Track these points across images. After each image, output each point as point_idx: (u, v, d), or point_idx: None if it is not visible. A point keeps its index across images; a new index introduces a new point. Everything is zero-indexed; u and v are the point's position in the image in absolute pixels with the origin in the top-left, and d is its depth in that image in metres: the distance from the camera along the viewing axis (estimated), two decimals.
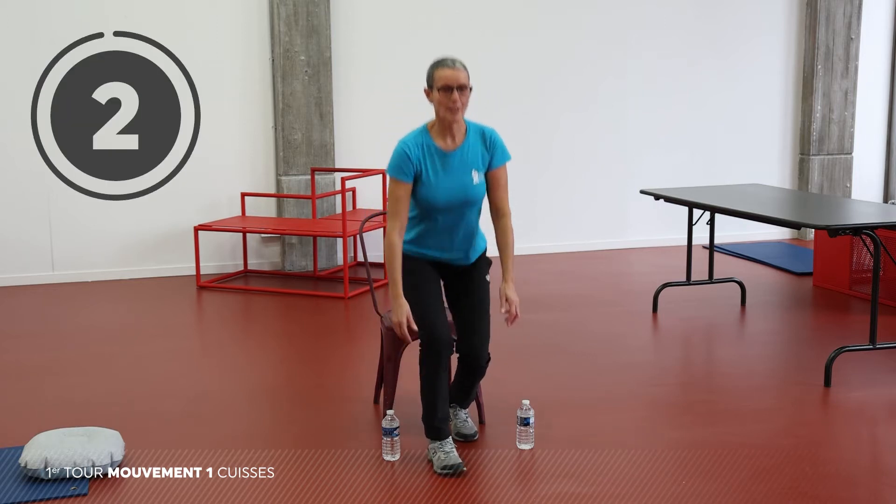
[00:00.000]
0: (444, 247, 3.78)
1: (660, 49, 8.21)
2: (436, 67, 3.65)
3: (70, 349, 5.45)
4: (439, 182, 3.67)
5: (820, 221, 4.90)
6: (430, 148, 3.68)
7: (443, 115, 3.64)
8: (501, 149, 3.77)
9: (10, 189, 6.97)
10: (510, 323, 3.79)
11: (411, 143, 3.68)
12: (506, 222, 3.82)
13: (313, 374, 4.99)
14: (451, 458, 3.66)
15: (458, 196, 3.69)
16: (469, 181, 3.69)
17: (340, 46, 7.46)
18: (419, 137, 3.70)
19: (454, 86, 3.59)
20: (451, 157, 3.69)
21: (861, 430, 4.23)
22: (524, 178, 7.94)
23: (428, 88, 3.68)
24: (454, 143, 3.70)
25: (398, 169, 3.66)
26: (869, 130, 8.91)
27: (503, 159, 3.77)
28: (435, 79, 3.63)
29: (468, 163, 3.71)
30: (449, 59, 3.66)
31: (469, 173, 3.70)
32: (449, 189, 3.67)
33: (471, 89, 3.66)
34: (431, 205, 3.68)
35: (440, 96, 3.61)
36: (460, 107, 3.62)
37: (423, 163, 3.66)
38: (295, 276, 7.28)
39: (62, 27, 6.90)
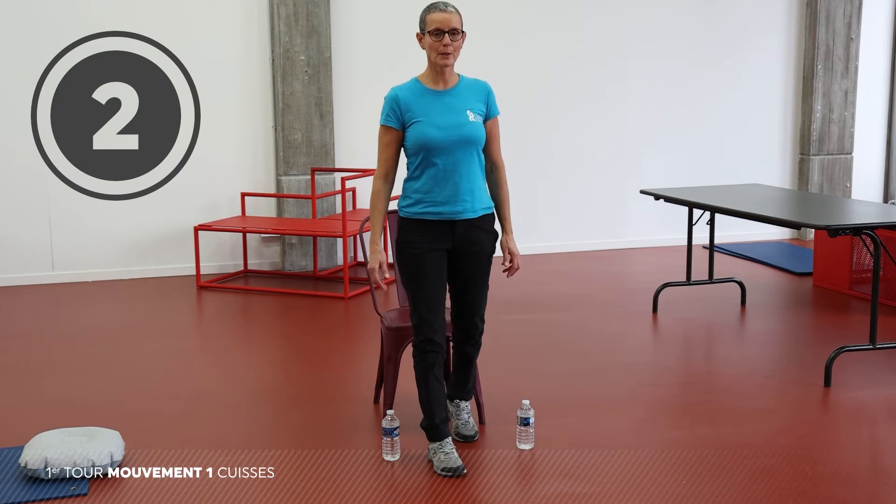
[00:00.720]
0: (447, 198, 3.64)
1: (660, 49, 8.21)
2: (428, 11, 3.60)
3: (70, 349, 5.45)
4: (432, 118, 3.60)
5: (820, 221, 4.90)
6: (422, 90, 3.64)
7: (434, 60, 3.59)
8: (494, 101, 3.74)
9: (10, 189, 6.97)
10: (510, 275, 3.82)
11: (400, 89, 3.65)
12: (501, 174, 3.80)
13: (313, 374, 4.99)
14: (452, 461, 3.65)
15: (453, 132, 3.60)
16: (464, 119, 3.61)
17: (340, 46, 7.46)
18: (410, 84, 3.67)
19: (446, 29, 3.54)
20: (444, 94, 3.64)
21: (861, 430, 4.23)
22: (525, 179, 7.94)
23: (420, 33, 3.63)
24: (446, 85, 3.65)
25: (385, 114, 3.64)
26: (869, 130, 8.91)
27: (496, 111, 3.74)
28: (427, 22, 3.58)
29: (462, 103, 3.64)
30: (441, 1, 3.60)
31: (464, 112, 3.63)
32: (444, 126, 3.59)
33: (464, 34, 3.60)
34: (428, 142, 3.59)
35: (431, 40, 3.56)
36: (452, 51, 3.57)
37: (413, 105, 3.61)
38: (295, 276, 7.28)
39: (62, 27, 6.90)
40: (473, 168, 3.67)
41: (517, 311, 6.10)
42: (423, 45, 3.63)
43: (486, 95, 3.71)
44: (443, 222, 3.66)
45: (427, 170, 3.64)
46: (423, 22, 3.60)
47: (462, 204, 3.66)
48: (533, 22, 7.88)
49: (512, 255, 3.79)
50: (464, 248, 3.71)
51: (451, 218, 3.65)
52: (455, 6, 3.62)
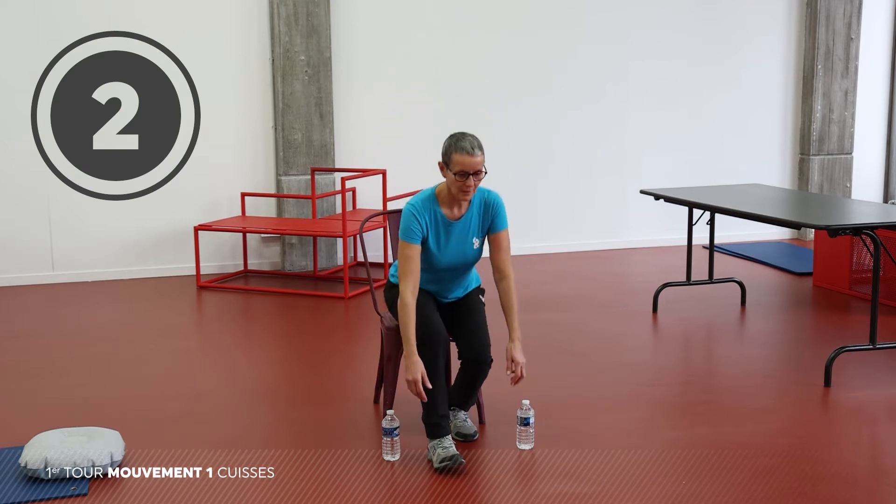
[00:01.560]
0: (440, 290, 3.93)
1: (659, 49, 8.21)
2: (454, 150, 3.66)
3: (70, 349, 5.45)
4: (442, 250, 3.80)
5: (820, 221, 4.90)
6: (437, 215, 3.78)
7: (455, 194, 3.73)
8: (502, 215, 3.85)
9: (10, 189, 6.97)
10: (514, 383, 3.85)
11: (420, 208, 3.76)
12: (508, 284, 3.87)
13: (313, 374, 4.99)
14: (450, 451, 3.67)
15: (458, 260, 3.84)
16: (470, 247, 3.83)
17: (340, 46, 7.46)
18: (428, 203, 3.78)
19: (471, 171, 3.65)
20: (456, 226, 3.80)
21: (861, 430, 4.23)
22: (525, 179, 7.96)
23: (443, 164, 3.72)
24: (460, 212, 3.81)
25: (408, 232, 3.73)
26: (869, 130, 8.91)
27: (503, 225, 3.86)
28: (452, 161, 3.67)
29: (470, 231, 3.83)
30: (468, 141, 3.67)
31: (470, 240, 3.83)
32: (451, 255, 3.82)
33: (486, 172, 3.71)
34: (434, 267, 3.83)
35: (456, 179, 3.67)
36: (473, 190, 3.71)
37: (430, 230, 3.77)
38: (295, 276, 7.28)
39: (62, 27, 6.89)
40: (468, 272, 3.95)
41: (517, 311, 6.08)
42: (443, 174, 3.74)
43: (494, 214, 3.84)
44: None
45: (427, 273, 3.84)
46: (448, 158, 3.69)
47: (453, 294, 3.96)
48: (533, 22, 7.88)
49: (516, 364, 3.82)
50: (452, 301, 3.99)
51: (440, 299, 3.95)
52: (480, 144, 3.70)
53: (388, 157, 7.49)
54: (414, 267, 3.71)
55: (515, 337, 3.83)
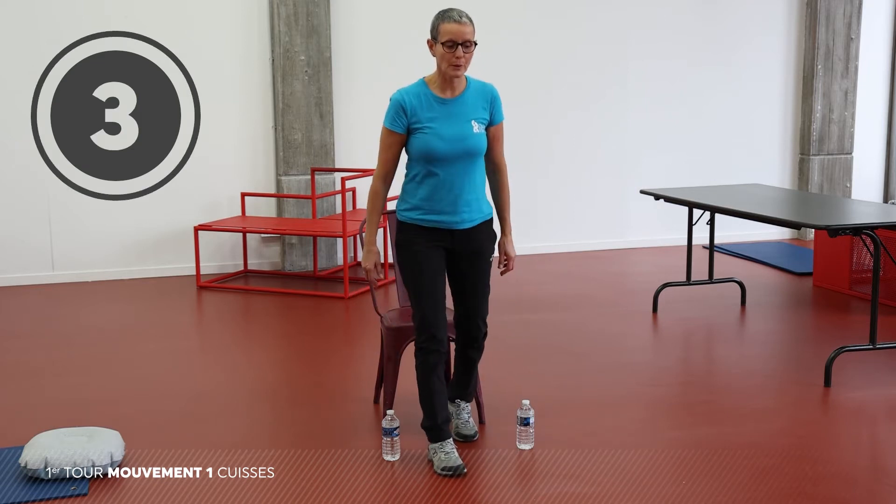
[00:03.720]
0: (448, 209, 3.65)
1: (659, 49, 8.21)
2: (441, 20, 3.54)
3: (70, 349, 5.45)
4: (438, 129, 3.58)
5: (820, 221, 4.90)
6: (429, 97, 3.60)
7: (445, 70, 3.56)
8: (500, 107, 3.72)
9: (10, 189, 6.97)
10: (504, 273, 3.87)
11: (407, 94, 3.61)
12: (502, 177, 3.81)
13: (313, 374, 4.99)
14: (452, 460, 3.65)
15: (458, 144, 3.59)
16: (469, 130, 3.60)
17: (340, 46, 7.46)
18: (415, 88, 3.63)
19: (459, 41, 3.51)
20: (451, 104, 3.61)
21: (861, 430, 4.23)
22: (525, 179, 7.95)
23: (431, 40, 3.59)
24: (453, 93, 3.63)
25: (390, 118, 3.61)
26: (869, 130, 8.91)
27: (501, 117, 3.72)
28: (440, 32, 3.53)
29: (468, 112, 3.62)
30: (455, 11, 3.55)
31: (469, 122, 3.61)
32: (449, 137, 3.58)
33: (476, 44, 3.57)
34: (432, 153, 3.58)
35: (444, 51, 3.52)
36: (464, 63, 3.55)
37: (419, 112, 3.58)
38: (295, 276, 7.28)
39: (62, 27, 6.90)
40: (475, 178, 3.67)
41: (517, 311, 6.10)
42: (433, 52, 3.59)
43: (492, 102, 3.68)
44: (442, 229, 3.67)
45: (428, 179, 3.63)
46: (436, 30, 3.55)
47: (461, 214, 3.67)
48: (533, 22, 7.88)
49: (508, 257, 3.83)
50: (463, 250, 3.73)
51: (449, 227, 3.67)
52: (469, 16, 3.57)
53: None
54: (391, 156, 3.65)
55: (508, 230, 3.84)
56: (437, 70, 3.61)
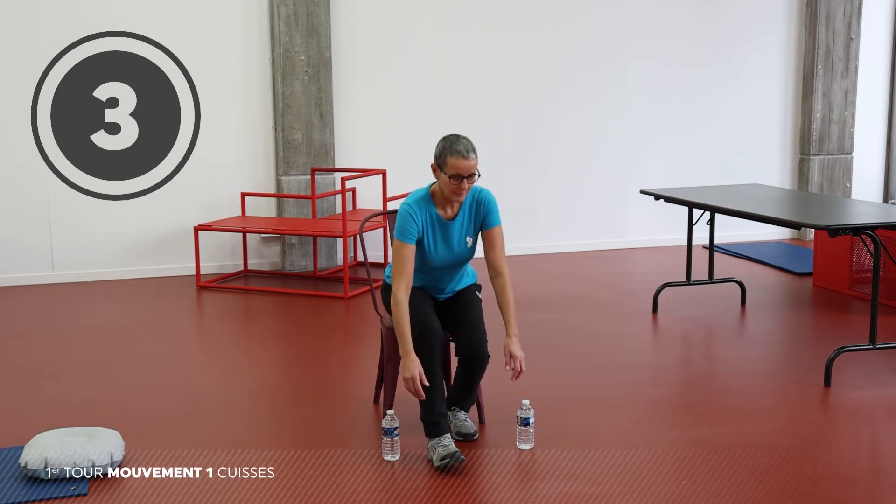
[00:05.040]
0: (436, 287, 3.96)
1: (660, 50, 8.21)
2: (449, 153, 3.66)
3: (70, 349, 5.45)
4: (438, 250, 3.84)
5: (820, 221, 4.90)
6: (433, 216, 3.81)
7: (448, 196, 3.75)
8: (494, 212, 3.86)
9: (10, 189, 6.97)
10: (514, 378, 3.85)
11: (416, 209, 3.78)
12: (504, 281, 3.88)
13: (313, 374, 4.99)
14: (449, 449, 3.67)
15: (452, 259, 3.89)
16: (463, 245, 3.88)
17: (340, 46, 7.46)
18: (423, 203, 3.80)
19: (465, 175, 3.67)
20: (451, 226, 3.84)
21: (861, 430, 4.23)
22: (525, 179, 7.96)
23: (436, 166, 3.72)
24: (453, 212, 3.85)
25: (404, 232, 3.75)
26: (869, 130, 8.91)
27: (496, 221, 3.86)
28: (447, 164, 3.67)
29: (463, 231, 3.86)
30: (462, 144, 3.68)
31: (464, 239, 3.87)
32: (446, 254, 3.86)
33: (479, 175, 3.72)
34: (428, 265, 3.87)
35: (450, 182, 3.68)
36: (467, 192, 3.74)
37: (426, 230, 3.80)
38: (295, 276, 7.28)
39: (62, 27, 6.90)
40: (463, 269, 3.99)
41: (518, 311, 6.08)
42: (436, 176, 3.75)
43: (486, 212, 3.85)
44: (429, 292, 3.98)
45: (419, 274, 3.88)
46: (443, 161, 3.68)
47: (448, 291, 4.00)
48: (533, 22, 7.88)
49: (514, 358, 3.82)
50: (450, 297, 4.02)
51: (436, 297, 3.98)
52: (474, 147, 3.70)
53: (388, 157, 7.49)
54: (408, 267, 3.72)
55: (512, 332, 3.83)
56: (442, 192, 3.78)
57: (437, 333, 3.76)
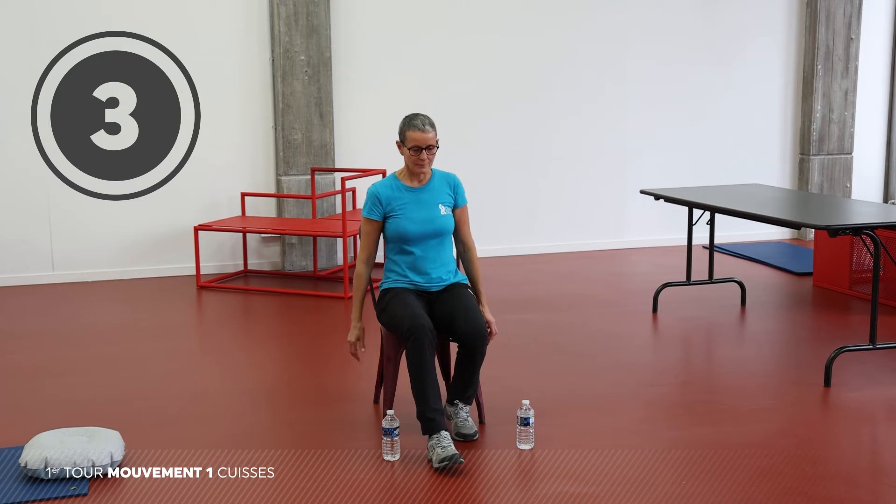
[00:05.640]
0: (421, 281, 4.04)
1: (659, 50, 8.21)
2: (407, 127, 3.99)
3: (70, 349, 5.45)
4: (409, 213, 4.02)
5: (820, 221, 4.90)
6: (399, 187, 4.07)
7: (411, 168, 4.04)
8: (462, 192, 4.15)
9: (10, 189, 6.97)
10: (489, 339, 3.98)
11: (381, 186, 4.07)
12: (472, 254, 4.19)
13: (313, 374, 4.99)
14: (448, 451, 3.67)
15: (427, 225, 4.02)
16: (437, 213, 4.05)
17: (340, 46, 7.46)
18: (388, 181, 4.10)
19: (423, 146, 3.96)
20: (418, 191, 4.06)
21: (861, 430, 4.23)
22: (525, 179, 7.96)
23: (399, 142, 4.03)
24: (420, 182, 4.08)
25: (368, 208, 4.05)
26: (869, 130, 8.91)
27: (464, 201, 4.15)
28: (406, 138, 3.99)
29: (435, 197, 4.07)
30: (419, 119, 3.99)
31: (436, 206, 4.05)
32: (419, 219, 4.01)
33: (437, 146, 4.00)
34: (404, 233, 4.01)
35: (410, 154, 3.99)
36: (427, 164, 4.01)
37: (392, 200, 4.03)
38: (295, 276, 7.28)
39: (62, 27, 6.90)
40: (445, 255, 4.10)
41: (517, 311, 6.10)
42: (401, 151, 4.04)
43: (454, 189, 4.13)
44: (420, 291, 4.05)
45: (403, 256, 4.05)
46: (403, 136, 4.01)
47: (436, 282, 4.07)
48: (533, 22, 7.88)
49: (488, 323, 4.02)
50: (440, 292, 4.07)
51: (426, 290, 4.05)
52: (431, 121, 4.00)
53: (388, 157, 7.47)
54: (370, 241, 4.06)
55: (484, 300, 4.11)
56: (405, 166, 4.08)
57: (426, 328, 3.80)
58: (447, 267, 4.08)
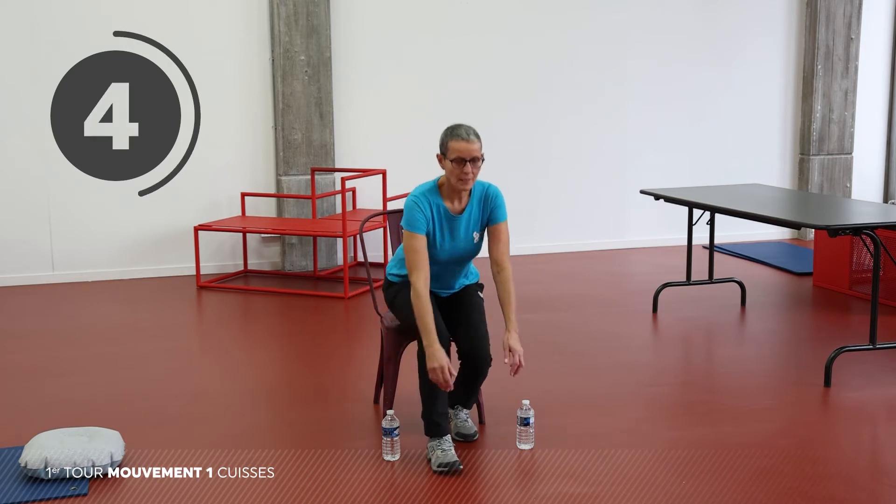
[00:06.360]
0: (439, 284, 3.91)
1: (659, 50, 8.21)
2: (450, 137, 3.69)
3: (70, 349, 5.45)
4: (444, 244, 3.80)
5: (820, 221, 4.90)
6: (440, 209, 3.77)
7: (454, 184, 3.72)
8: (501, 207, 3.85)
9: (10, 189, 6.97)
10: (513, 373, 3.78)
11: (423, 201, 3.75)
12: (506, 276, 3.85)
13: (313, 374, 4.99)
14: (448, 456, 3.66)
15: (458, 254, 3.85)
16: (470, 241, 3.85)
17: (340, 46, 7.46)
18: (430, 195, 3.77)
19: (468, 158, 3.66)
20: (458, 220, 3.80)
21: (861, 430, 4.23)
22: (525, 179, 7.96)
23: (441, 155, 3.73)
24: (461, 205, 3.80)
25: (413, 223, 3.72)
26: (869, 130, 8.91)
27: (503, 217, 3.86)
28: (449, 149, 3.68)
29: (471, 225, 3.83)
30: (464, 129, 3.70)
31: (471, 234, 3.84)
32: (452, 249, 3.82)
33: (483, 159, 3.71)
34: (434, 261, 3.79)
35: (453, 167, 3.67)
36: (472, 178, 3.70)
37: (433, 223, 3.76)
38: (295, 276, 7.28)
39: (62, 27, 6.90)
40: (465, 267, 3.95)
41: (518, 311, 6.08)
42: (442, 165, 3.74)
43: (493, 206, 3.83)
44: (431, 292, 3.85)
45: None
46: (445, 147, 3.70)
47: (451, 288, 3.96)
48: (533, 22, 7.88)
49: (513, 353, 3.75)
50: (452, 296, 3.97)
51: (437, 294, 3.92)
52: (476, 132, 3.71)
53: (388, 157, 7.50)
54: (423, 258, 3.69)
55: (512, 328, 3.79)
56: (448, 181, 3.76)
57: (443, 335, 3.72)
58: (463, 278, 3.97)
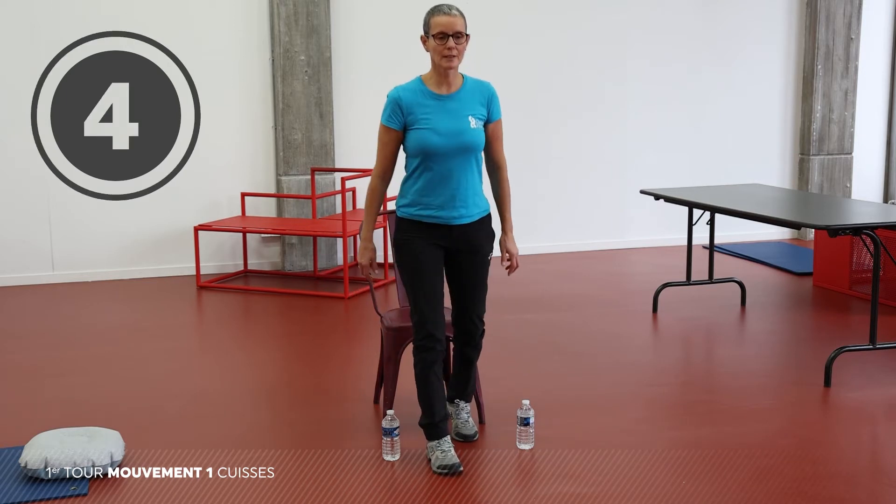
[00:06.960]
0: (444, 203, 3.65)
1: (660, 50, 8.21)
2: (432, 14, 3.59)
3: (70, 349, 5.45)
4: (434, 123, 3.59)
5: (820, 221, 4.90)
6: (425, 93, 3.62)
7: (438, 62, 3.58)
8: (497, 104, 3.73)
9: (10, 189, 6.97)
10: (510, 272, 3.82)
11: (403, 90, 3.63)
12: (502, 174, 3.81)
13: (313, 374, 4.99)
14: (449, 458, 3.66)
15: (454, 139, 3.60)
16: (466, 125, 3.61)
17: (340, 46, 7.46)
18: (413, 85, 3.65)
19: (450, 33, 3.54)
20: (446, 100, 3.63)
21: (861, 430, 4.23)
22: (525, 179, 7.94)
23: (424, 35, 3.62)
24: (449, 89, 3.64)
25: (387, 115, 3.63)
26: (869, 130, 8.91)
27: (498, 115, 3.73)
28: (431, 25, 3.58)
29: (464, 108, 3.63)
30: (445, 4, 3.61)
31: (465, 118, 3.62)
32: (445, 131, 3.59)
33: (468, 37, 3.60)
34: (428, 148, 3.59)
35: (436, 43, 3.56)
36: (456, 54, 3.56)
37: (415, 108, 3.60)
38: (295, 276, 7.28)
39: (62, 27, 6.90)
40: (471, 173, 3.68)
41: (517, 311, 6.10)
42: (426, 47, 3.62)
43: (489, 99, 3.70)
44: (440, 225, 3.67)
45: (424, 173, 3.65)
46: (427, 25, 3.59)
47: (458, 210, 3.67)
48: (533, 23, 7.88)
49: (511, 255, 3.81)
50: (461, 248, 3.73)
51: (447, 223, 3.67)
52: (459, 9, 3.62)
53: None
54: (388, 153, 3.66)
55: (509, 228, 3.81)
56: (432, 65, 3.63)
57: (441, 344, 3.68)
58: (472, 197, 3.68)
